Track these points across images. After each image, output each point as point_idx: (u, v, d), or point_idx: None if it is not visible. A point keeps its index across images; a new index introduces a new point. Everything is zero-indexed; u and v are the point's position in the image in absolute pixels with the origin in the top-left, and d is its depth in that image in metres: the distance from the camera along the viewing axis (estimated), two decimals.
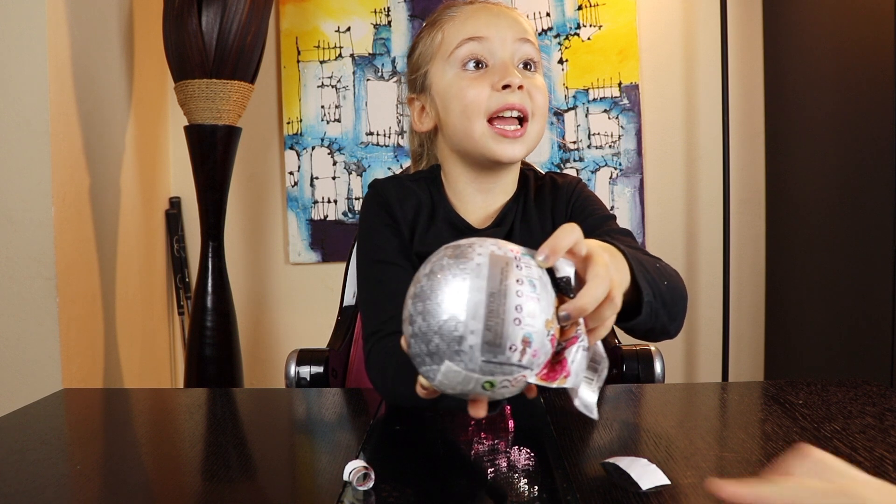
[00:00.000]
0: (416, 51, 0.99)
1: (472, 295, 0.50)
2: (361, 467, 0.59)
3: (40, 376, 1.60)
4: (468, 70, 0.89)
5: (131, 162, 2.06)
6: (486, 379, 0.51)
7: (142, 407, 0.94)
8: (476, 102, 0.87)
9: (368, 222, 0.95)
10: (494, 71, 0.88)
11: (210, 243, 1.99)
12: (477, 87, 0.88)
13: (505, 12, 0.92)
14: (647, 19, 2.32)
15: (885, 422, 0.71)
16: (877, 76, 1.67)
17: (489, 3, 0.94)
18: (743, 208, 2.32)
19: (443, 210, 0.95)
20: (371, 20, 2.31)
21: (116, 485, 0.62)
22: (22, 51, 1.59)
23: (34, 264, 1.60)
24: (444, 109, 0.93)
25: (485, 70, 0.89)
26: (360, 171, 2.32)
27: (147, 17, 2.15)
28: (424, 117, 0.98)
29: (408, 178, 0.99)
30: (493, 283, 0.50)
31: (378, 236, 0.93)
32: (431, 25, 0.96)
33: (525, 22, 0.93)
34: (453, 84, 0.90)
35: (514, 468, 0.64)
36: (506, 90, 0.86)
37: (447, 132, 0.94)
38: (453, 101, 0.90)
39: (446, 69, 0.91)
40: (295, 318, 2.37)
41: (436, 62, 0.93)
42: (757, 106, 2.31)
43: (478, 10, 0.92)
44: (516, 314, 0.50)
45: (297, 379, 1.11)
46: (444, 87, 0.92)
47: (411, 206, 0.94)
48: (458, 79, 0.90)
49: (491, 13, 0.91)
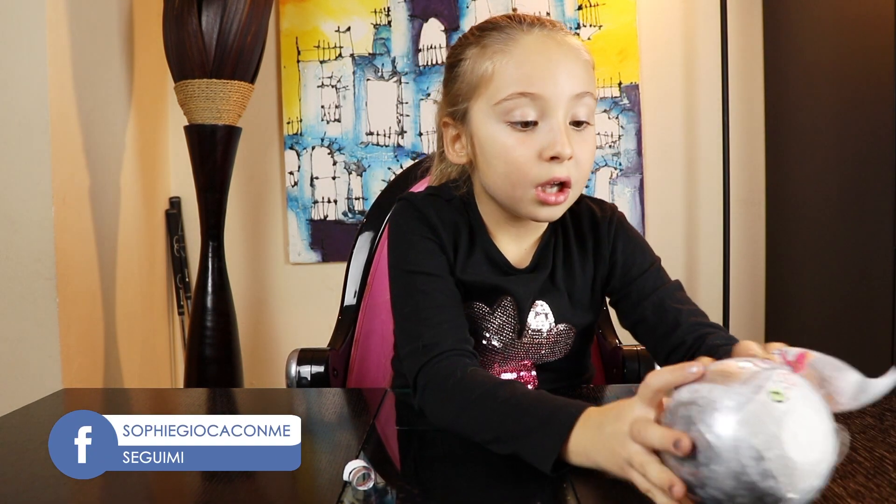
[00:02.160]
0: (459, 68, 0.87)
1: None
2: (361, 467, 0.59)
3: (40, 376, 1.60)
4: (515, 127, 0.81)
5: (131, 162, 2.06)
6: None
7: (142, 407, 0.94)
8: (521, 171, 0.81)
9: (406, 235, 0.88)
10: (543, 135, 0.81)
11: (210, 243, 1.99)
12: (523, 151, 0.81)
13: (565, 55, 0.82)
14: (647, 19, 2.32)
15: (885, 422, 0.71)
16: (877, 76, 1.67)
17: (549, 36, 0.83)
18: (743, 208, 2.32)
19: (481, 241, 0.90)
20: (371, 20, 2.31)
21: (116, 485, 0.62)
22: (22, 51, 1.59)
23: (34, 264, 1.60)
24: (483, 160, 0.86)
25: (533, 129, 0.81)
26: (360, 171, 2.32)
27: (147, 17, 2.15)
28: (459, 148, 0.90)
29: (443, 198, 0.92)
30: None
31: (419, 249, 0.87)
32: (481, 45, 0.85)
33: (583, 63, 0.84)
34: (497, 139, 0.83)
35: (515, 468, 0.64)
36: (553, 161, 0.80)
37: (486, 182, 0.87)
38: (496, 160, 0.83)
39: (490, 116, 0.83)
40: (295, 318, 2.37)
41: (479, 101, 0.84)
42: (757, 106, 2.31)
43: (534, 50, 0.82)
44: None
45: (298, 379, 1.11)
46: (485, 136, 0.84)
47: (450, 230, 0.89)
48: (503, 134, 0.82)
49: (549, 57, 0.82)
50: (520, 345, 0.90)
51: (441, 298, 0.83)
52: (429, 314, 0.82)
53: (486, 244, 0.90)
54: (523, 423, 0.66)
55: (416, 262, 0.86)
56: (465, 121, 0.87)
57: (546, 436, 0.63)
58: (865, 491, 0.54)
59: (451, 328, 0.81)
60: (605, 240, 0.93)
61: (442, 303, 0.83)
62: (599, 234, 0.93)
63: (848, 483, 0.56)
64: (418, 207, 0.89)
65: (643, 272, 0.91)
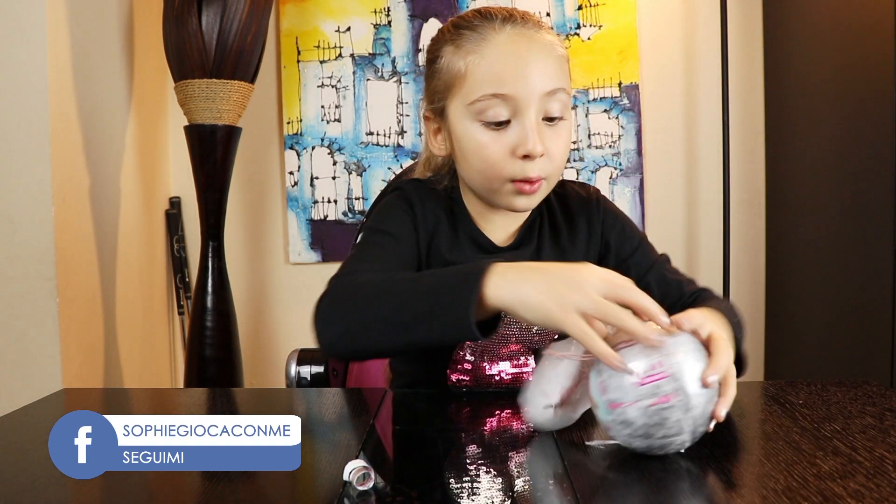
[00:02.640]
0: (436, 64, 0.89)
1: None
2: (361, 467, 0.59)
3: (40, 376, 1.60)
4: (489, 126, 0.84)
5: (131, 162, 2.06)
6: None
7: (142, 407, 0.94)
8: (495, 168, 0.84)
9: (385, 205, 0.92)
10: (516, 133, 0.83)
11: (210, 243, 1.99)
12: (497, 149, 0.83)
13: (537, 52, 0.84)
14: (647, 19, 2.32)
15: (885, 422, 0.71)
16: (877, 76, 1.67)
17: (520, 33, 0.84)
18: (743, 208, 2.32)
19: (464, 225, 0.93)
20: (371, 20, 2.31)
21: (116, 485, 0.62)
22: (22, 51, 1.59)
23: (34, 264, 1.60)
24: (461, 154, 0.88)
25: (506, 128, 0.83)
26: (360, 171, 2.32)
27: (147, 17, 2.15)
28: (441, 140, 0.92)
29: (428, 185, 0.95)
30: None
31: (391, 215, 0.90)
32: (455, 44, 0.86)
33: (556, 59, 0.85)
34: (472, 137, 0.85)
35: (515, 468, 0.64)
36: (526, 159, 0.82)
37: (463, 175, 0.91)
38: (472, 156, 0.86)
39: (465, 114, 0.85)
40: (295, 318, 2.37)
41: (454, 100, 0.86)
42: (757, 106, 2.31)
43: (505, 51, 0.83)
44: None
45: (298, 379, 1.11)
46: (461, 133, 0.86)
47: (432, 213, 0.91)
48: (477, 132, 0.84)
49: (520, 56, 0.83)
50: (507, 327, 0.90)
51: (388, 255, 0.85)
52: (370, 260, 0.83)
53: (468, 228, 0.93)
54: (429, 295, 0.68)
55: (382, 223, 0.89)
56: (443, 116, 0.89)
57: (458, 291, 0.66)
58: (865, 491, 0.54)
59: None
60: (596, 217, 0.96)
61: (387, 259, 0.84)
62: (590, 212, 0.96)
63: (848, 483, 0.56)
64: (404, 188, 0.93)
65: (635, 248, 0.95)
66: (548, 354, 0.70)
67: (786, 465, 0.60)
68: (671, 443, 0.61)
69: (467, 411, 0.84)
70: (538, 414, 0.69)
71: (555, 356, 0.68)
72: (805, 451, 0.63)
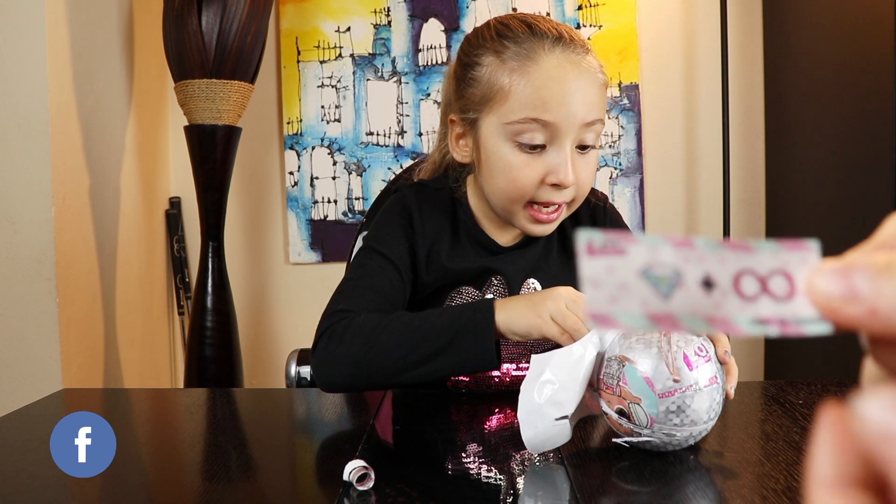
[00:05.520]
0: (474, 72, 0.86)
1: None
2: (361, 467, 0.59)
3: (40, 376, 1.60)
4: (523, 148, 0.82)
5: (131, 162, 2.06)
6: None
7: (142, 407, 0.94)
8: (522, 191, 0.83)
9: (386, 218, 0.93)
10: (550, 160, 0.82)
11: (210, 243, 1.99)
12: (527, 172, 0.82)
13: (583, 81, 0.82)
14: (647, 19, 2.32)
15: None
16: (877, 76, 1.67)
17: (568, 59, 0.82)
18: (743, 208, 2.32)
19: (467, 228, 0.93)
20: (371, 20, 2.31)
21: (116, 485, 0.62)
22: (22, 51, 1.59)
23: (34, 264, 1.60)
24: (486, 168, 0.86)
25: (540, 153, 0.82)
26: (360, 171, 2.32)
27: (147, 17, 2.15)
28: (463, 146, 0.90)
29: (432, 188, 0.95)
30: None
31: (390, 233, 0.91)
32: (499, 56, 0.83)
33: (598, 87, 0.84)
34: (503, 156, 0.83)
35: (515, 468, 0.64)
36: (555, 187, 0.82)
37: (486, 188, 0.89)
38: (499, 174, 0.84)
39: (500, 132, 0.83)
40: (295, 318, 2.37)
41: (491, 115, 0.84)
42: (757, 106, 2.31)
43: (552, 76, 0.81)
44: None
45: (298, 379, 1.11)
46: (492, 149, 0.85)
47: (432, 221, 0.92)
48: (509, 153, 0.83)
49: (566, 84, 0.81)
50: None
51: (382, 283, 0.87)
52: (363, 290, 0.86)
53: (472, 230, 0.93)
54: (443, 333, 0.76)
55: (380, 241, 0.91)
56: (473, 127, 0.87)
57: (477, 329, 0.75)
58: None
59: (373, 310, 0.84)
60: (601, 221, 0.97)
61: (381, 287, 0.87)
62: (595, 215, 0.97)
63: None
64: (405, 195, 0.94)
65: None
66: (535, 358, 0.67)
67: (786, 465, 0.60)
68: (690, 433, 0.63)
69: (467, 411, 0.84)
70: (547, 429, 0.62)
71: (542, 356, 0.66)
72: (805, 451, 0.63)
